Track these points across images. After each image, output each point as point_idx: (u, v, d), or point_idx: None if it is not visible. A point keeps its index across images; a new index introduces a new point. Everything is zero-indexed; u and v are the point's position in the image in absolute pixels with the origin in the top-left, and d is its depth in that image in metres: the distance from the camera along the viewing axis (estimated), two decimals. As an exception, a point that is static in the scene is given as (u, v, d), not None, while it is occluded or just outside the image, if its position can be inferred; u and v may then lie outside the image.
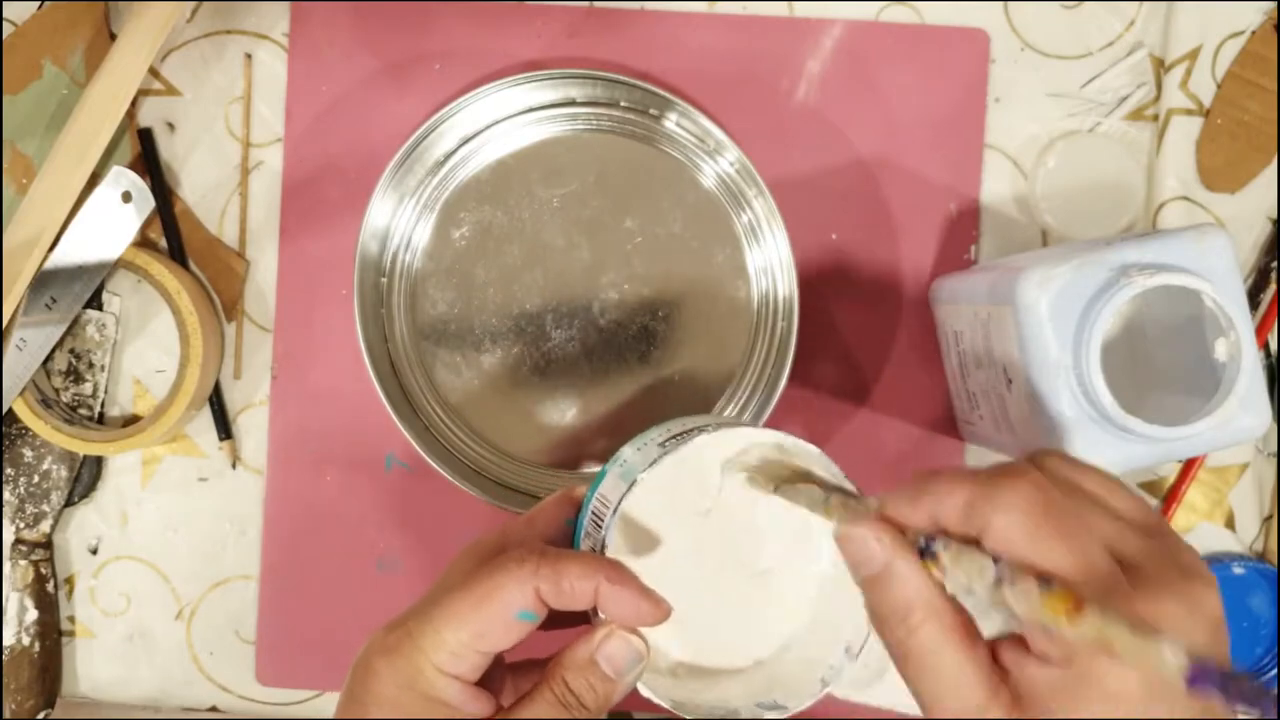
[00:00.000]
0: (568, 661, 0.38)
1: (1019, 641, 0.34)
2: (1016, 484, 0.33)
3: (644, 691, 0.39)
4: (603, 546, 0.39)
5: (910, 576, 0.34)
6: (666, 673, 0.40)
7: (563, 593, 0.37)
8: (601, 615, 0.38)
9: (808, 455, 0.41)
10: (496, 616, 0.36)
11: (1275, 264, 0.63)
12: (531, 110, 0.60)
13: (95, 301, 0.62)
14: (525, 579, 0.36)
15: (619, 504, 0.39)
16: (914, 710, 0.61)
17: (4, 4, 0.61)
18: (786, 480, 0.41)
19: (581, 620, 0.41)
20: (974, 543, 0.33)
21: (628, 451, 0.43)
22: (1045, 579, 0.31)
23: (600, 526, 0.40)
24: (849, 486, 0.40)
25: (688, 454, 0.40)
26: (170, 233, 0.62)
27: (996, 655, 0.34)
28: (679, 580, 0.39)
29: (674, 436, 0.42)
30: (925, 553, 0.35)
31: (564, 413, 0.60)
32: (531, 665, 0.43)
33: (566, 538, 0.43)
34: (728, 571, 0.41)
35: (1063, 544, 0.32)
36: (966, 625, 0.34)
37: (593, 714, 0.38)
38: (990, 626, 0.35)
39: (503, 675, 0.42)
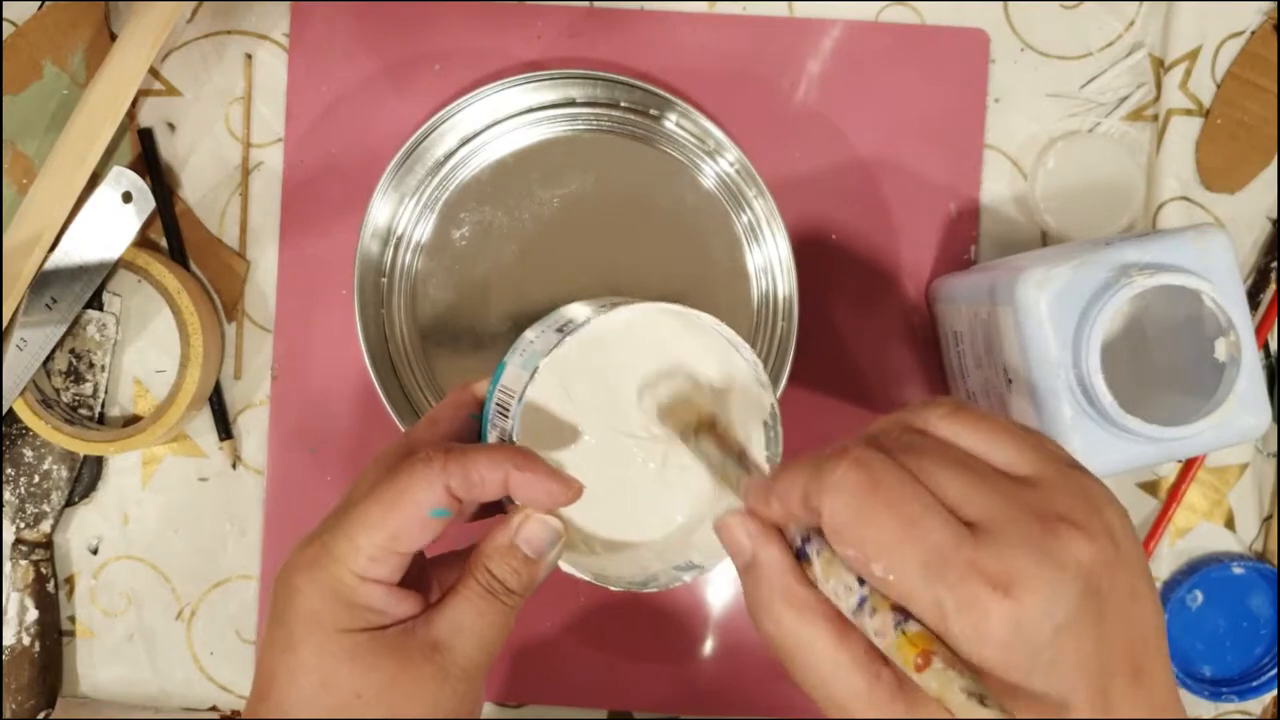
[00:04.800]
0: (488, 550, 0.38)
1: None
2: (838, 463, 0.32)
3: (565, 567, 0.40)
4: (510, 436, 0.39)
5: (774, 568, 0.33)
6: (584, 549, 0.41)
7: (473, 485, 0.37)
8: (515, 502, 0.39)
9: (708, 335, 0.42)
10: (410, 517, 0.36)
11: (1275, 264, 0.63)
12: (531, 110, 0.60)
13: (96, 301, 0.62)
14: (434, 477, 0.37)
15: (523, 392, 0.39)
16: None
17: (4, 4, 0.61)
18: (697, 426, 0.41)
19: (501, 510, 0.41)
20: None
21: (524, 340, 0.43)
22: (903, 614, 0.30)
23: (506, 416, 0.40)
24: (760, 422, 0.42)
25: (586, 336, 0.40)
26: (170, 233, 0.62)
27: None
28: (589, 460, 0.40)
29: (568, 322, 0.42)
30: (800, 554, 0.34)
31: (564, 413, 0.60)
32: (453, 557, 0.42)
33: (472, 434, 0.42)
34: (637, 445, 0.42)
35: (889, 518, 0.30)
36: (837, 615, 0.33)
37: (519, 596, 0.39)
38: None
39: (424, 570, 0.42)
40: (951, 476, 0.31)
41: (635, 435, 0.42)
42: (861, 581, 0.31)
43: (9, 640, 0.60)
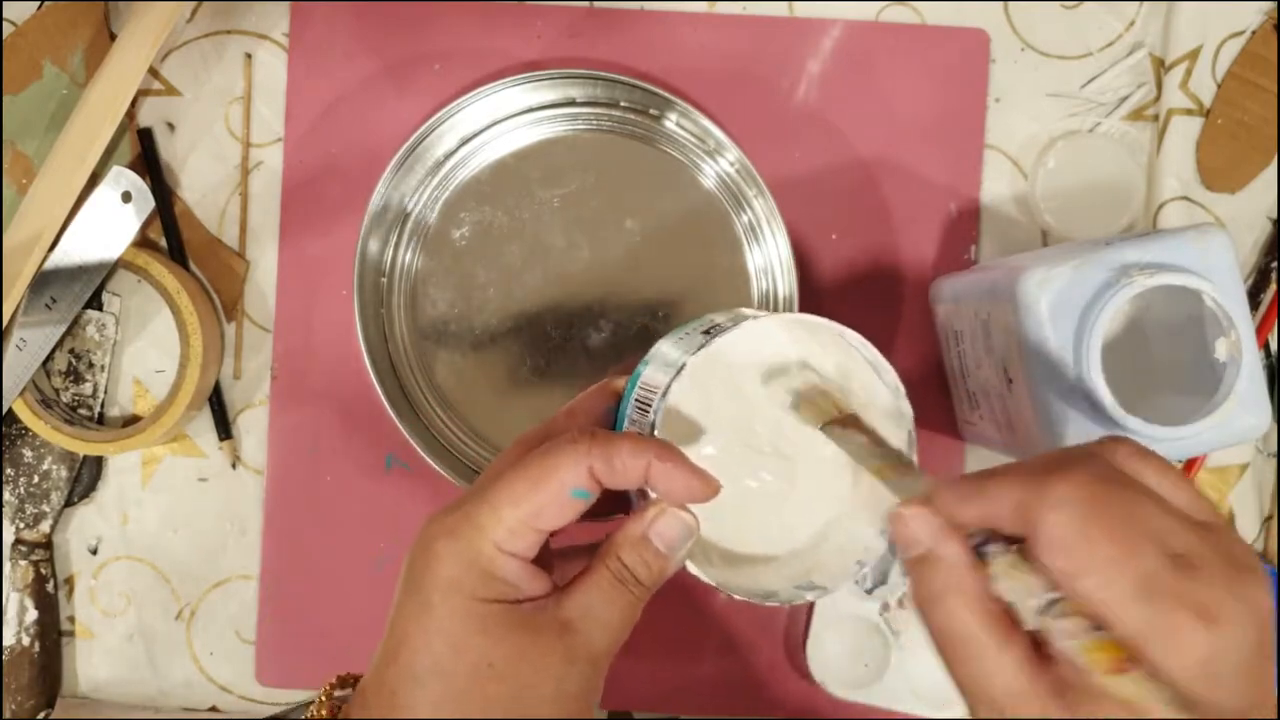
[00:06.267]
0: (621, 539, 0.39)
1: None
2: (1070, 477, 0.34)
3: (692, 569, 0.40)
4: (651, 429, 0.40)
5: (956, 564, 0.35)
6: (701, 558, 0.41)
7: (615, 470, 0.37)
8: (652, 494, 0.39)
9: (847, 354, 0.41)
10: (553, 494, 0.37)
11: (1275, 264, 0.63)
12: (531, 110, 0.60)
13: (95, 301, 0.62)
14: (580, 457, 0.37)
15: (667, 387, 0.40)
16: (913, 710, 0.61)
17: (4, 4, 0.61)
18: (833, 420, 0.41)
19: (622, 510, 0.41)
20: (1021, 542, 0.34)
21: (666, 345, 0.43)
22: (1097, 625, 0.32)
23: (647, 411, 0.40)
24: (898, 444, 0.41)
25: (735, 339, 0.40)
26: (170, 233, 0.62)
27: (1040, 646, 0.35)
28: (720, 469, 0.39)
29: (715, 325, 0.42)
30: (978, 551, 0.35)
31: (564, 413, 0.60)
32: (575, 551, 0.43)
33: (609, 427, 0.43)
34: (767, 460, 0.42)
35: (1112, 543, 0.33)
36: (1005, 614, 0.35)
37: (646, 588, 0.39)
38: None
39: (550, 559, 0.42)
40: (1157, 512, 0.34)
41: (763, 451, 0.42)
42: (1050, 591, 0.33)
43: (9, 640, 0.60)
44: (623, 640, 0.39)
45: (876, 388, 0.42)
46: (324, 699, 0.40)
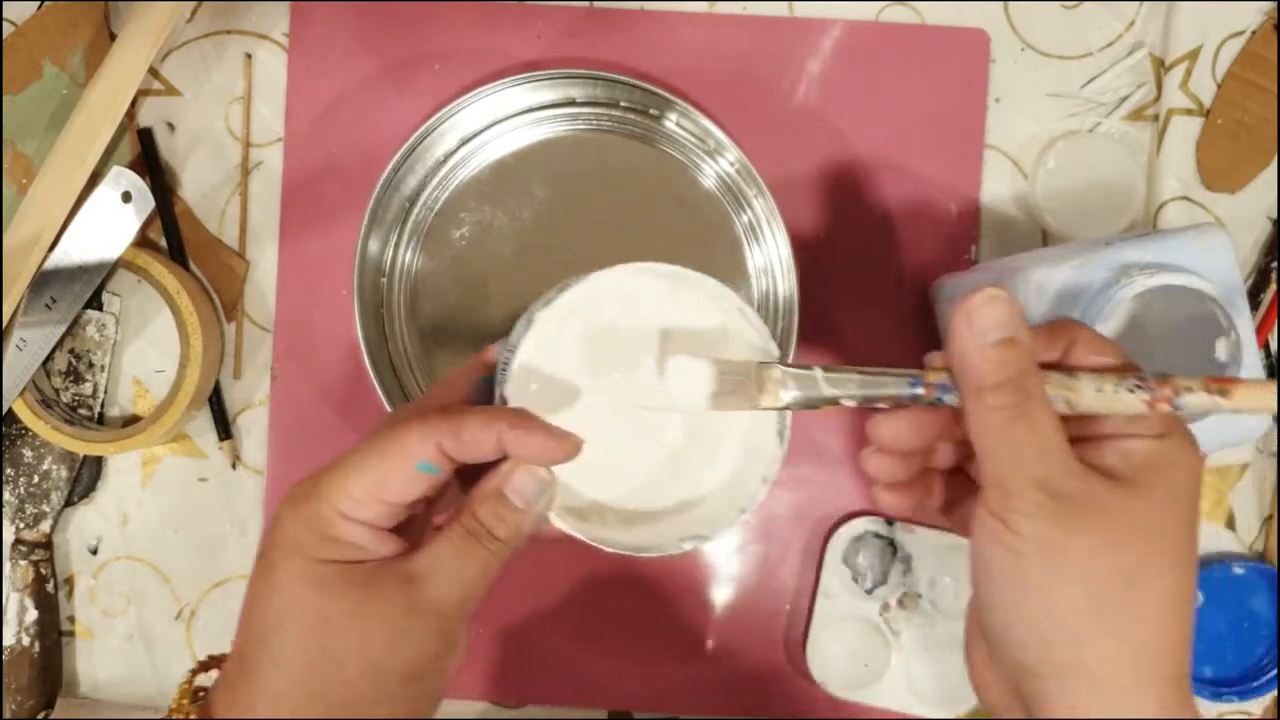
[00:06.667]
0: (477, 496, 0.39)
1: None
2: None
3: (558, 523, 0.40)
4: (504, 395, 0.40)
5: (1030, 347, 0.36)
6: (597, 519, 0.41)
7: (464, 444, 0.38)
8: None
9: (710, 300, 0.42)
10: (397, 467, 0.38)
11: (1275, 264, 0.63)
12: (531, 110, 0.60)
13: (95, 301, 0.62)
14: (427, 433, 0.38)
15: (519, 345, 0.40)
16: (913, 710, 0.61)
17: (4, 4, 0.61)
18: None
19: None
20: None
21: (533, 305, 0.43)
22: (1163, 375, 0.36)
23: (505, 373, 0.40)
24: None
25: (584, 291, 0.41)
26: (170, 233, 0.62)
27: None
28: (596, 427, 0.40)
29: (567, 283, 0.42)
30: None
31: (564, 413, 0.60)
32: None
33: (484, 398, 0.43)
34: (645, 417, 0.41)
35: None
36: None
37: (504, 544, 0.39)
38: None
39: (425, 533, 0.42)
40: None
41: (653, 407, 0.41)
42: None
43: (9, 640, 0.60)
44: (476, 596, 0.39)
45: (745, 331, 0.42)
46: (186, 686, 0.40)
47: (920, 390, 0.37)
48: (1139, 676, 0.35)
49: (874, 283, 0.63)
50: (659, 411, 0.42)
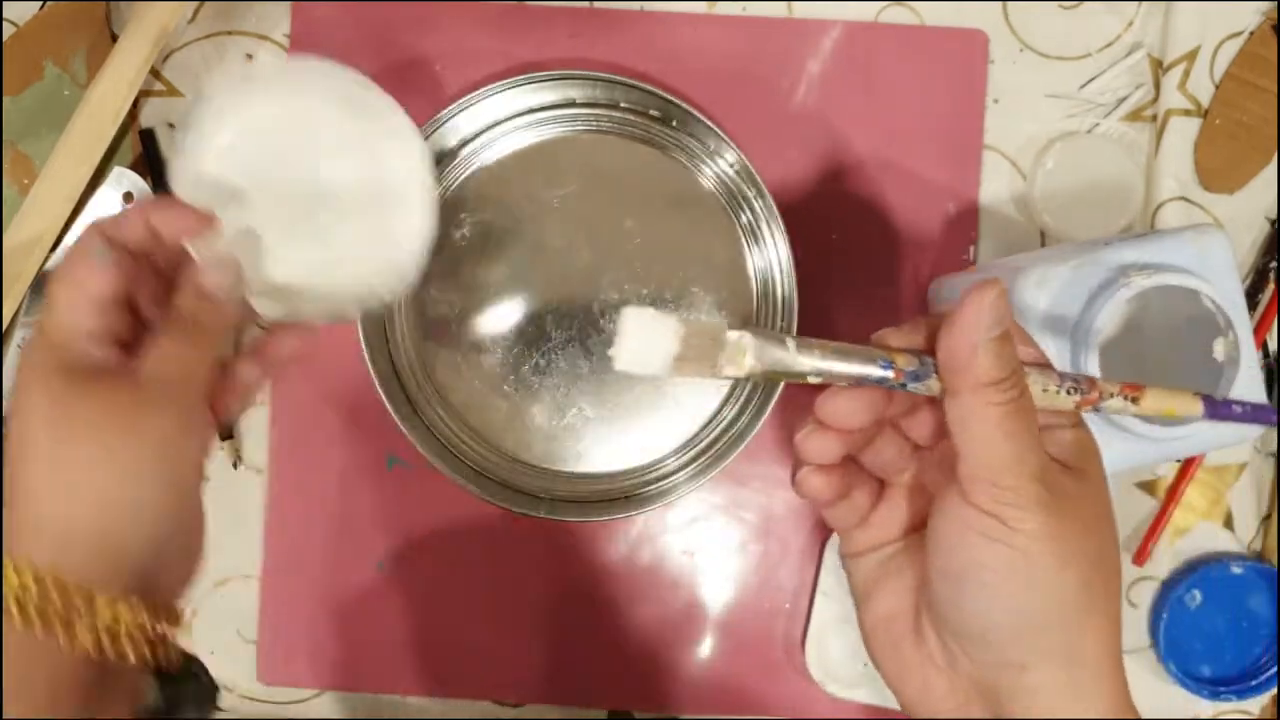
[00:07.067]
0: (178, 298, 0.43)
1: None
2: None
3: (255, 305, 0.45)
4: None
5: (1015, 343, 0.37)
6: (274, 296, 0.46)
7: (121, 226, 0.43)
8: (191, 250, 0.44)
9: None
10: (81, 260, 0.42)
11: (1273, 264, 0.63)
12: (532, 111, 0.60)
13: (96, 302, 0.62)
14: (94, 229, 0.43)
15: (191, 150, 0.45)
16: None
17: (5, 4, 0.61)
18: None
19: None
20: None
21: None
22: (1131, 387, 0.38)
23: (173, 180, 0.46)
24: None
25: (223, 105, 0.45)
26: (171, 233, 0.62)
27: None
28: (267, 216, 0.45)
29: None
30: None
31: (564, 413, 0.61)
32: None
33: None
34: (307, 198, 0.46)
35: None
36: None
37: (209, 331, 0.43)
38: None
39: None
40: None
41: (298, 197, 0.46)
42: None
43: (10, 640, 0.60)
44: (198, 378, 0.42)
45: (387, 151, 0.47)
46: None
47: (890, 373, 0.36)
48: (1112, 650, 0.37)
49: (872, 283, 0.63)
50: (315, 195, 0.46)
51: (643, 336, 0.36)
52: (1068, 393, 0.37)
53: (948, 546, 0.37)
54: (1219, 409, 0.39)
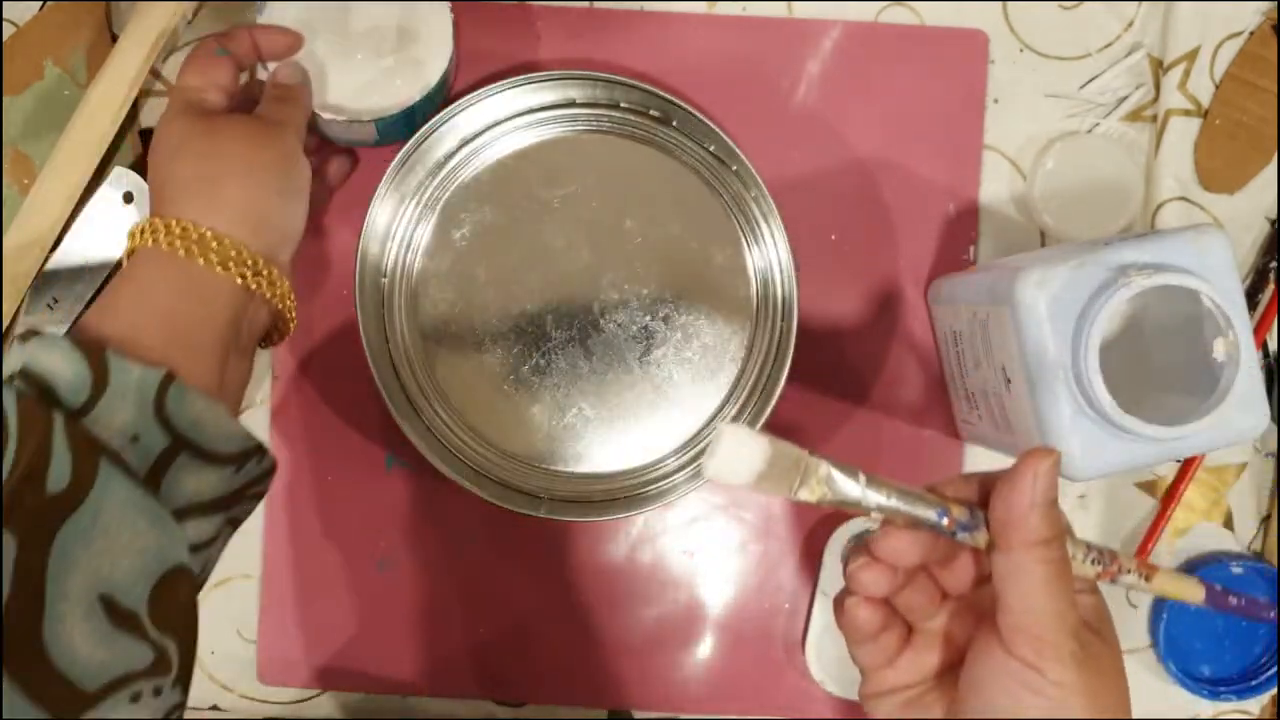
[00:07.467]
0: (268, 89, 0.56)
1: None
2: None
3: (320, 113, 0.57)
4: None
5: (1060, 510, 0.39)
6: (331, 110, 0.58)
7: (231, 37, 0.55)
8: (264, 56, 0.57)
9: None
10: (205, 55, 0.54)
11: (1273, 264, 0.63)
12: (532, 111, 0.60)
13: (96, 302, 0.62)
14: (211, 40, 0.55)
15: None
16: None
17: (5, 4, 0.61)
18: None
19: None
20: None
21: None
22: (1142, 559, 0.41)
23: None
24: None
25: None
26: (171, 233, 0.62)
27: None
28: (326, 48, 0.58)
29: None
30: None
31: (564, 413, 0.61)
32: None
33: None
34: (366, 41, 0.58)
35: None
36: None
37: (299, 106, 0.55)
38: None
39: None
40: None
41: (363, 34, 0.58)
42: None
43: (10, 639, 0.61)
44: (296, 127, 0.54)
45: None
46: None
47: (945, 521, 0.39)
48: None
49: (873, 283, 0.63)
50: (366, 37, 0.59)
51: (735, 452, 0.38)
52: (1092, 563, 0.40)
53: (989, 695, 0.38)
54: (1218, 599, 0.41)
